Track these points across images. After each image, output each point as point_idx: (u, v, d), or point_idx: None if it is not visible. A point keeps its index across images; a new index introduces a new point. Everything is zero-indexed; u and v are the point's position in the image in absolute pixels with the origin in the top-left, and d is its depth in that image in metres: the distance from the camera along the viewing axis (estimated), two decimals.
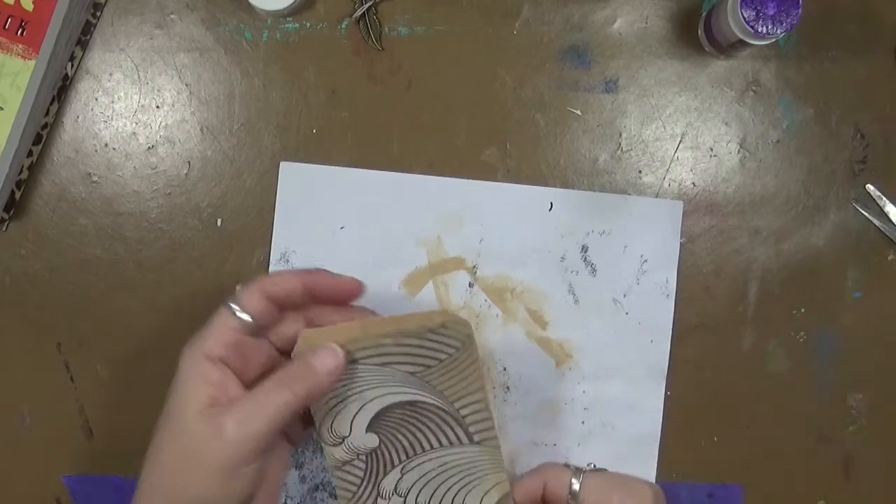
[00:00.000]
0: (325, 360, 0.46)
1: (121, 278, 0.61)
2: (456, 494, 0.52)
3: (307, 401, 0.46)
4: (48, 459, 0.61)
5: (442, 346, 0.50)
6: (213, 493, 0.43)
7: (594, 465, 0.57)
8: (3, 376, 0.61)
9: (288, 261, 0.61)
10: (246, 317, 0.46)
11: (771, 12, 0.54)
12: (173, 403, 0.45)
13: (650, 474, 0.60)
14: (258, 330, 0.48)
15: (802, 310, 0.61)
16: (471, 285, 0.61)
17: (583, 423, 0.61)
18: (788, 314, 0.61)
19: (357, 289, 0.50)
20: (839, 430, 0.61)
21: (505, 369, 0.61)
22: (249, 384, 0.47)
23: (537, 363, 0.61)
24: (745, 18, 0.54)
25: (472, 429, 0.52)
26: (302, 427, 0.52)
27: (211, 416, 0.44)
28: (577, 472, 0.54)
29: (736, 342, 0.61)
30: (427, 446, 0.52)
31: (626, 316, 0.61)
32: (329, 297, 0.50)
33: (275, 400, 0.44)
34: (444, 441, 0.52)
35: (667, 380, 0.61)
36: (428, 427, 0.51)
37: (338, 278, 0.50)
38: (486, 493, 0.53)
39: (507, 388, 0.61)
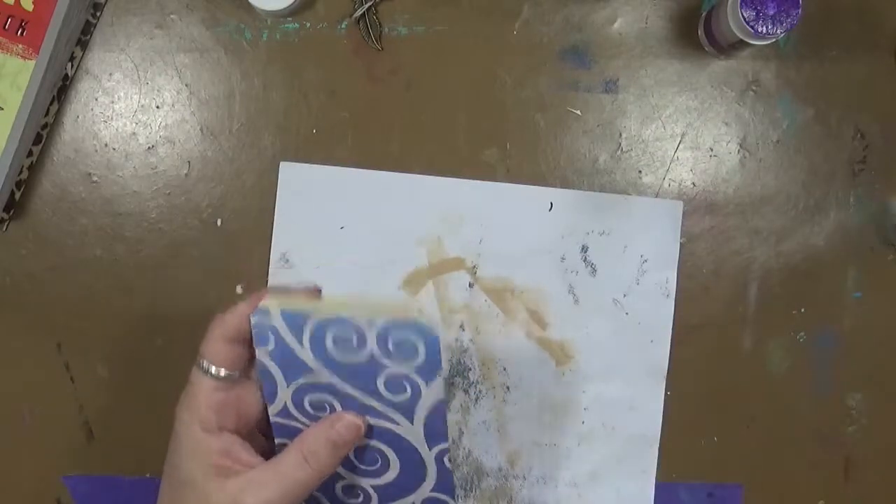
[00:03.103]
0: (343, 433, 0.45)
1: (121, 278, 0.61)
2: None
3: (327, 476, 0.45)
4: (48, 459, 0.61)
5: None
6: None
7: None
8: (3, 376, 0.61)
9: (288, 260, 0.61)
10: (218, 371, 0.44)
11: (771, 12, 0.54)
12: (184, 474, 0.43)
13: (650, 474, 0.60)
14: (238, 378, 0.45)
15: (802, 310, 0.61)
16: (471, 285, 0.61)
17: (583, 423, 0.61)
18: (788, 314, 0.61)
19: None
20: (839, 430, 0.61)
21: (505, 369, 0.61)
22: (250, 427, 0.46)
23: (537, 363, 0.61)
24: (745, 18, 0.54)
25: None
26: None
27: (230, 494, 0.42)
28: None
29: (736, 342, 0.61)
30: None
31: (626, 316, 0.61)
32: None
33: (297, 477, 0.43)
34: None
35: (667, 380, 0.61)
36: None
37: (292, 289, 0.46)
38: None
39: (507, 388, 0.61)
